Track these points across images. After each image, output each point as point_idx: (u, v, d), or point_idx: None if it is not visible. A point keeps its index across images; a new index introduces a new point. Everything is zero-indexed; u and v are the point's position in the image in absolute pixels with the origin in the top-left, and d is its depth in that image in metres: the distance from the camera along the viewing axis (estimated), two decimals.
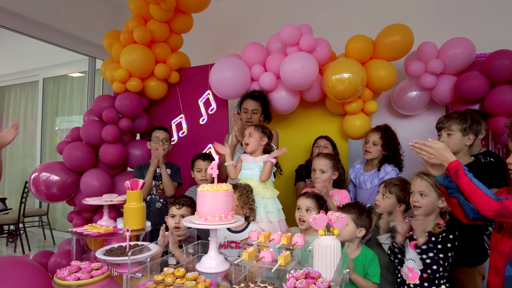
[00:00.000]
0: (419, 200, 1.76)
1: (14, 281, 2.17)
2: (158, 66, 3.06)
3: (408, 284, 1.75)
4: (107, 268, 1.61)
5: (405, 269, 1.79)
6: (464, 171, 1.40)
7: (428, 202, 1.74)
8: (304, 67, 2.53)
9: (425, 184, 1.75)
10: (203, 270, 1.56)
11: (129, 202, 2.06)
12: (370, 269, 1.78)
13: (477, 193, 1.35)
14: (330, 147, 2.75)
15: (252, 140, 2.23)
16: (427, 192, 1.74)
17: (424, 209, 1.75)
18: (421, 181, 1.76)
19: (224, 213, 1.57)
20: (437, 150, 1.47)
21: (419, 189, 1.77)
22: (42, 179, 2.84)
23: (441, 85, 2.72)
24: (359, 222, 1.81)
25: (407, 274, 1.77)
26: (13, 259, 2.47)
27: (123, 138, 3.04)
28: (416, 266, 1.73)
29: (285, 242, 1.57)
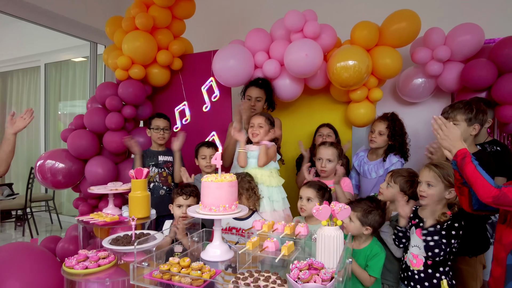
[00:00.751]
0: (426, 190, 1.77)
1: (24, 267, 2.22)
2: (160, 53, 3.02)
3: (412, 270, 1.78)
4: (113, 257, 1.65)
5: (409, 256, 1.82)
6: (470, 158, 1.42)
7: (435, 192, 1.75)
8: (309, 55, 2.49)
9: (432, 174, 1.75)
10: (208, 258, 1.58)
11: (134, 191, 2.08)
12: (371, 262, 1.78)
13: (478, 180, 1.37)
14: (333, 135, 2.73)
15: (262, 131, 2.24)
16: (434, 183, 1.74)
17: (430, 199, 1.76)
18: (429, 171, 1.77)
19: (228, 203, 1.58)
20: (453, 134, 1.48)
21: (427, 179, 1.77)
22: (47, 167, 2.87)
23: (447, 73, 2.68)
24: (365, 220, 1.79)
25: (411, 260, 1.80)
26: (22, 245, 2.52)
27: (127, 125, 3.05)
28: (420, 253, 1.76)
29: (289, 232, 1.59)
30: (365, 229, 1.80)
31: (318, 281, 1.19)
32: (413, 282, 1.77)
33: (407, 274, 1.81)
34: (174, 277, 1.33)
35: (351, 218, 1.80)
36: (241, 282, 1.28)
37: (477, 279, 1.98)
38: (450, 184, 1.70)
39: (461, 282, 2.00)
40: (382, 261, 1.78)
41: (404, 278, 1.84)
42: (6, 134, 2.19)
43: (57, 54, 5.60)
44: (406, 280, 1.81)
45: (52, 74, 5.80)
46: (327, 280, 1.20)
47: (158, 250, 1.68)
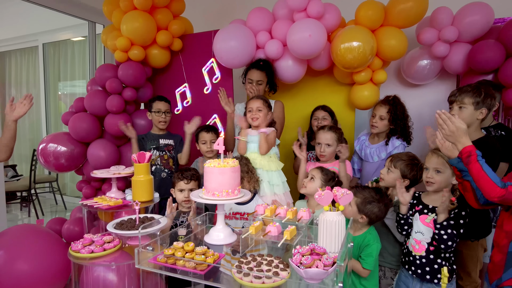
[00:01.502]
0: (434, 176, 1.76)
1: (32, 248, 2.27)
2: (160, 34, 2.96)
3: (414, 256, 1.80)
4: (118, 240, 1.67)
5: (412, 241, 1.83)
6: (476, 157, 1.39)
7: (442, 179, 1.75)
8: (312, 36, 2.43)
9: (441, 161, 1.74)
10: (212, 242, 1.61)
11: (137, 175, 2.09)
12: (364, 253, 1.76)
13: (484, 179, 1.36)
14: (329, 118, 2.69)
15: (261, 115, 2.22)
16: (443, 169, 1.74)
17: (437, 185, 1.77)
18: (438, 158, 1.75)
19: (231, 188, 1.59)
20: (458, 129, 1.44)
21: (435, 165, 1.76)
22: (50, 150, 2.87)
23: (454, 54, 2.62)
24: (362, 208, 1.76)
25: (413, 246, 1.81)
26: (29, 227, 2.57)
27: (128, 108, 3.02)
28: (424, 239, 1.77)
29: (291, 217, 1.60)
30: (360, 217, 1.78)
31: (320, 266, 1.20)
32: (414, 266, 1.79)
33: (409, 259, 1.83)
34: (179, 261, 1.35)
35: (350, 203, 1.78)
36: (244, 266, 1.31)
37: (477, 262, 2.01)
38: None
39: (461, 264, 2.04)
40: (375, 252, 1.74)
41: (405, 263, 1.86)
42: (7, 121, 2.17)
43: (55, 33, 5.50)
44: (407, 265, 1.84)
45: (51, 54, 5.72)
46: (329, 265, 1.22)
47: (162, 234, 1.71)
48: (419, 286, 1.79)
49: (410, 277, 1.83)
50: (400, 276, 1.91)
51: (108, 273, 1.60)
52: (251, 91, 2.60)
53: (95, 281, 1.59)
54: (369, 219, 1.77)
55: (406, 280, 1.86)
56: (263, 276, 1.23)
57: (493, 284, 1.45)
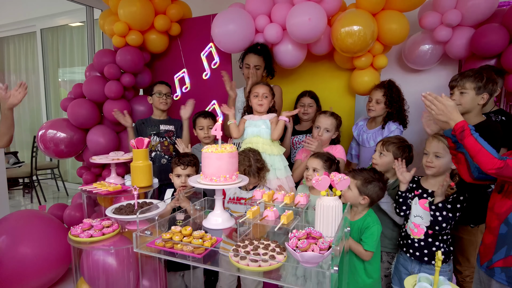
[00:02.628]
0: (433, 161, 1.77)
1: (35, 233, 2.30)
2: (158, 18, 2.91)
3: (413, 239, 1.82)
4: (117, 225, 1.69)
5: (410, 225, 1.85)
6: (470, 131, 1.39)
7: (442, 163, 1.75)
8: (312, 19, 2.38)
9: (441, 146, 1.74)
10: (210, 226, 1.62)
11: (136, 160, 2.09)
12: (365, 236, 1.77)
13: (481, 152, 1.35)
14: (314, 106, 2.71)
15: (266, 102, 2.22)
16: (443, 154, 1.74)
17: (437, 170, 1.77)
18: (438, 142, 1.75)
19: (228, 174, 1.59)
20: (446, 107, 1.44)
21: (435, 150, 1.76)
22: (49, 136, 2.87)
23: (456, 39, 2.57)
24: (363, 189, 1.78)
25: (412, 229, 1.83)
26: (32, 213, 2.60)
27: (126, 94, 3.01)
28: (422, 223, 1.79)
29: (288, 202, 1.61)
30: (362, 198, 1.79)
31: (316, 250, 1.22)
32: (412, 249, 1.81)
33: (407, 242, 1.85)
34: (176, 245, 1.36)
35: (350, 187, 1.79)
36: (241, 250, 1.32)
37: (476, 248, 2.02)
38: None
39: (460, 250, 2.06)
40: (376, 234, 1.74)
41: (403, 245, 1.88)
42: (3, 110, 2.16)
43: (52, 18, 5.43)
44: (405, 247, 1.86)
45: (49, 39, 5.66)
46: (325, 249, 1.23)
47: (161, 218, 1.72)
48: (418, 268, 1.81)
49: (408, 260, 1.86)
50: (399, 259, 1.93)
51: (108, 257, 1.62)
52: (250, 76, 2.57)
53: (95, 265, 1.61)
54: (370, 199, 1.79)
55: (405, 263, 1.88)
56: (259, 260, 1.24)
57: (484, 265, 1.47)
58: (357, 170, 1.89)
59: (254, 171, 2.00)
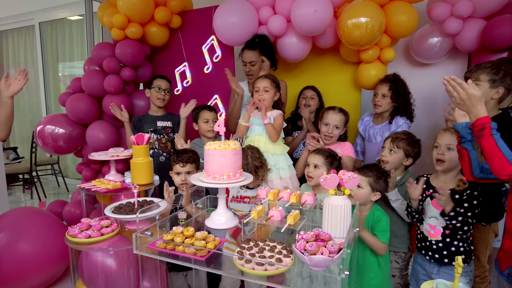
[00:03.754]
0: (445, 153, 1.69)
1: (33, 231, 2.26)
2: (158, 10, 2.82)
3: (430, 241, 1.75)
4: (116, 225, 1.63)
5: (426, 227, 1.77)
6: (491, 130, 1.26)
7: (454, 157, 1.67)
8: (318, 11, 2.30)
9: (454, 138, 1.65)
10: (213, 226, 1.56)
11: (136, 157, 2.03)
12: (377, 230, 1.75)
13: (498, 156, 1.24)
14: (316, 98, 2.68)
15: (268, 96, 2.11)
16: (455, 146, 1.66)
17: (448, 164, 1.70)
18: (451, 135, 1.68)
19: (232, 172, 1.52)
20: (470, 96, 1.29)
21: (447, 142, 1.69)
22: (47, 132, 2.81)
23: (467, 31, 2.48)
24: (376, 186, 1.76)
25: (429, 231, 1.76)
26: (30, 210, 2.55)
27: (126, 88, 2.94)
28: (438, 224, 1.72)
29: (294, 201, 1.54)
30: (373, 195, 1.76)
31: (326, 253, 1.15)
32: (431, 251, 1.74)
33: (425, 244, 1.78)
34: (178, 247, 1.30)
35: (361, 185, 1.75)
36: (246, 252, 1.26)
37: (487, 246, 1.97)
38: None
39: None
40: (388, 226, 1.74)
41: (421, 248, 1.81)
42: (3, 98, 2.10)
43: (51, 12, 5.33)
44: (424, 250, 1.78)
45: (48, 33, 5.57)
46: (335, 252, 1.16)
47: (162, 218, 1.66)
48: (437, 269, 1.74)
49: (427, 261, 1.79)
50: (416, 259, 1.87)
51: (106, 258, 1.56)
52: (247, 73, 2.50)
53: (93, 266, 1.56)
54: (381, 194, 1.78)
55: (423, 263, 1.81)
56: (265, 263, 1.18)
57: (505, 272, 1.39)
58: (364, 167, 1.83)
59: (251, 169, 1.92)
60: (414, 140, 2.01)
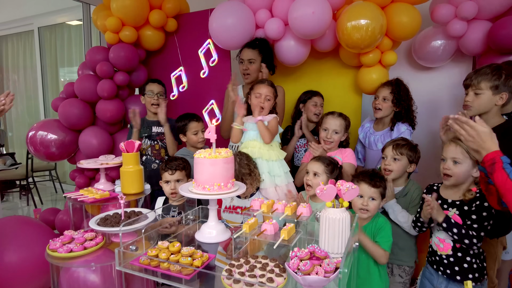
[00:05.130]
0: (451, 167, 1.58)
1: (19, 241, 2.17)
2: (153, 13, 2.76)
3: (440, 255, 1.64)
4: (102, 238, 1.54)
5: (435, 240, 1.67)
6: (502, 164, 1.17)
7: (461, 170, 1.56)
8: (316, 12, 2.22)
9: (459, 150, 1.56)
10: (203, 240, 1.47)
11: (126, 165, 1.94)
12: (379, 236, 1.67)
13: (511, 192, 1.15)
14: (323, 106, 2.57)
15: (267, 105, 2.02)
16: (462, 159, 1.55)
17: (456, 178, 1.58)
18: (456, 147, 1.57)
19: (223, 182, 1.43)
20: (479, 134, 1.23)
21: (453, 155, 1.58)
22: (39, 138, 2.74)
23: (471, 33, 2.39)
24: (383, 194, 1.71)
25: (438, 245, 1.65)
26: (19, 219, 2.47)
27: (121, 93, 2.86)
28: (447, 237, 1.60)
29: (290, 213, 1.44)
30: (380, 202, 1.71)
31: (321, 273, 1.05)
32: (443, 266, 1.63)
33: (435, 259, 1.67)
34: (163, 264, 1.21)
35: (374, 197, 1.67)
36: (235, 270, 1.16)
37: (495, 260, 1.86)
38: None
39: None
40: (390, 232, 1.67)
41: (432, 262, 1.70)
42: None
43: (50, 16, 5.30)
44: (435, 264, 1.68)
45: (47, 38, 5.54)
46: (331, 272, 1.06)
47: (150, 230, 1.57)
48: (445, 285, 1.63)
49: (435, 274, 1.68)
50: (425, 273, 1.77)
51: (89, 274, 1.47)
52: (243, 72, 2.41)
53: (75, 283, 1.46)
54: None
55: (431, 277, 1.71)
56: (255, 283, 1.08)
57: None
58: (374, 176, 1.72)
59: (237, 176, 1.82)
60: (414, 145, 1.94)
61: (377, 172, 1.77)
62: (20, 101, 6.14)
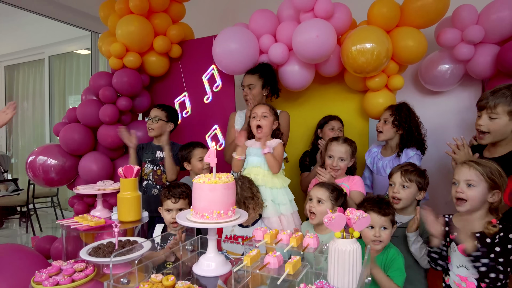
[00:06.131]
0: (465, 191, 1.45)
1: (8, 271, 2.06)
2: (157, 39, 2.78)
3: None
4: (92, 269, 1.43)
5: (455, 278, 1.50)
6: None
7: (476, 194, 1.43)
8: (320, 36, 2.20)
9: (473, 172, 1.44)
10: (201, 273, 1.35)
11: (123, 191, 1.86)
12: (391, 270, 1.53)
13: None
14: (343, 130, 2.49)
15: (266, 123, 1.95)
16: (476, 182, 1.43)
17: (470, 203, 1.45)
18: (469, 169, 1.45)
19: (223, 209, 1.34)
20: None
21: (466, 177, 1.45)
22: (39, 163, 2.68)
23: (479, 56, 2.35)
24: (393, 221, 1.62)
25: (459, 284, 1.48)
26: (11, 247, 2.36)
27: (123, 118, 2.83)
28: (470, 275, 1.43)
29: (295, 244, 1.33)
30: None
31: None
32: None
33: None
34: None
35: (386, 226, 1.57)
36: None
37: None
38: (494, 184, 1.40)
39: None
40: (403, 265, 1.54)
41: None
42: None
43: (60, 45, 5.45)
44: None
45: (57, 66, 5.67)
46: None
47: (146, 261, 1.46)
48: None
49: None
50: None
51: None
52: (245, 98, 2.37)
53: None
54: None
55: None
56: None
57: None
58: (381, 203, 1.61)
59: (240, 201, 1.72)
60: (422, 170, 1.84)
61: (383, 198, 1.67)
62: (27, 128, 6.20)
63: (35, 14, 3.56)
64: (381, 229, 1.56)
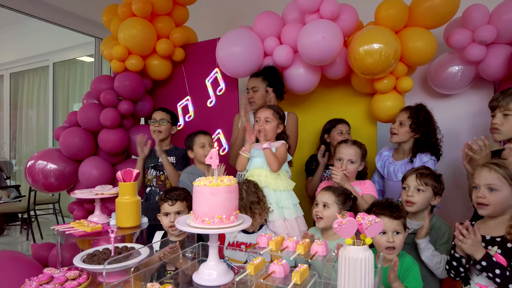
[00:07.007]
0: (487, 195, 1.36)
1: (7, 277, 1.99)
2: (160, 42, 2.73)
3: None
4: (86, 277, 1.35)
5: (474, 287, 1.41)
6: None
7: (499, 198, 1.35)
8: (326, 37, 2.14)
9: (495, 176, 1.35)
10: (202, 282, 1.27)
11: (122, 195, 1.79)
12: (407, 280, 1.43)
13: None
14: (350, 134, 2.40)
15: (268, 127, 1.89)
16: (498, 186, 1.35)
17: (493, 208, 1.36)
18: (490, 172, 1.37)
19: (225, 214, 1.25)
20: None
21: (488, 181, 1.37)
22: (38, 168, 2.62)
23: (491, 57, 2.26)
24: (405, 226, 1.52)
25: None
26: (8, 254, 2.30)
27: (125, 123, 2.77)
28: (490, 283, 1.35)
29: (302, 252, 1.24)
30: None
31: None
32: None
33: None
34: None
35: (399, 231, 1.48)
36: None
37: None
38: None
39: None
40: (419, 274, 1.46)
41: None
42: None
43: (65, 52, 5.46)
44: None
45: (61, 73, 5.67)
46: None
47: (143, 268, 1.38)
48: None
49: None
50: None
51: None
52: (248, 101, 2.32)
53: None
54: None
55: None
56: None
57: None
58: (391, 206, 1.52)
59: (246, 206, 1.64)
60: (437, 175, 1.75)
61: (391, 201, 1.57)
62: (31, 136, 6.20)
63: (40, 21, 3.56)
64: (394, 234, 1.46)
